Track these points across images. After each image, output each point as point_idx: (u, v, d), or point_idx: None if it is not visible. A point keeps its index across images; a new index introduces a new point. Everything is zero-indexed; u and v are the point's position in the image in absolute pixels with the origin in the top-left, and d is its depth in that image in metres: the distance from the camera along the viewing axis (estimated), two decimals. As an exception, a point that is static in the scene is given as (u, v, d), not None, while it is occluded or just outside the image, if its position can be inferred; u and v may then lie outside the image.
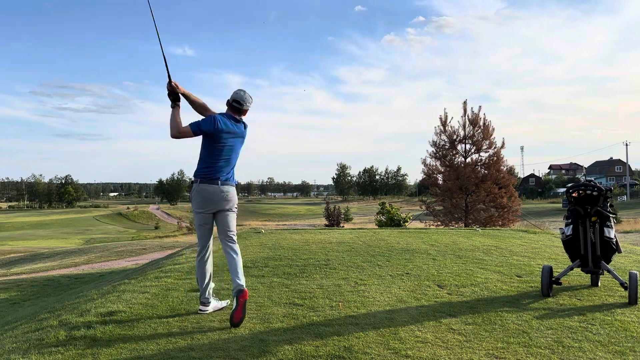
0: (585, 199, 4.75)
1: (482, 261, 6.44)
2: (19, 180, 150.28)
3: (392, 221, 22.04)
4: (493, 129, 25.83)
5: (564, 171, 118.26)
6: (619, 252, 4.86)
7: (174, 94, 4.13)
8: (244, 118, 4.32)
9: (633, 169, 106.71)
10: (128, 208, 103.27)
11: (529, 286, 5.03)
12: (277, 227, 43.79)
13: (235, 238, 4.24)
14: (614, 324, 3.79)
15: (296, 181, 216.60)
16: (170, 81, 4.08)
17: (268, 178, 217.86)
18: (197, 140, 4.18)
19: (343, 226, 32.51)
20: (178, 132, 3.99)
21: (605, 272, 4.85)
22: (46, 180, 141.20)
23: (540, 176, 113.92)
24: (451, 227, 19.85)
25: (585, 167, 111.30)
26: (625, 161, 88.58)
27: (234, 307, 3.80)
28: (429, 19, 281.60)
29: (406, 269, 5.89)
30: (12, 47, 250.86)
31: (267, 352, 3.21)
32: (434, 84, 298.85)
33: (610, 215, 4.77)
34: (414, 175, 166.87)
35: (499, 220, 24.22)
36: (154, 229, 66.72)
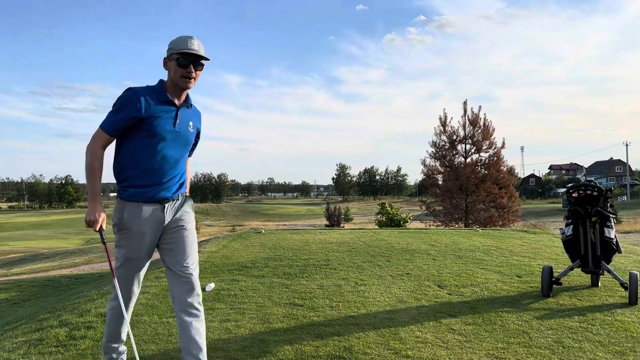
0: (585, 199, 4.75)
1: (482, 261, 6.44)
2: (19, 180, 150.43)
3: (392, 221, 22.05)
4: (493, 129, 25.87)
5: (564, 171, 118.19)
6: (619, 252, 4.86)
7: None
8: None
9: (633, 169, 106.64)
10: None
11: (529, 286, 5.02)
12: (277, 227, 43.83)
13: None
14: (614, 324, 3.78)
15: (296, 181, 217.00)
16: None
17: (268, 178, 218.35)
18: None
19: (343, 226, 32.51)
20: None
21: (605, 273, 4.85)
22: (46, 180, 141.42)
23: (541, 176, 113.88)
24: (451, 228, 19.86)
25: (585, 168, 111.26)
26: (625, 161, 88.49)
27: None
28: (430, 18, 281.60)
29: (406, 269, 5.89)
30: (12, 47, 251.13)
31: (267, 352, 3.21)
32: (434, 84, 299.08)
33: (611, 215, 4.77)
34: (414, 176, 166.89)
35: (499, 220, 24.23)
36: (154, 229, 66.64)
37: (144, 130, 2.67)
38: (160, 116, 2.68)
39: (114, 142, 2.78)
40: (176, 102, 2.76)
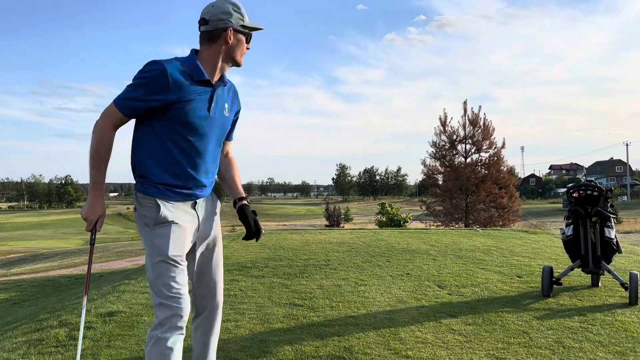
0: (585, 199, 4.75)
1: (482, 261, 6.44)
2: (19, 180, 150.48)
3: (392, 221, 22.05)
4: (493, 129, 25.91)
5: (564, 171, 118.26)
6: (620, 252, 4.86)
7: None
8: None
9: (633, 169, 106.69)
10: (128, 208, 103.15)
11: (529, 286, 5.02)
12: (277, 227, 43.83)
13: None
14: (614, 325, 3.78)
15: (296, 181, 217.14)
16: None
17: (268, 178, 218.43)
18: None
19: (343, 226, 32.52)
20: None
21: (605, 273, 4.84)
22: (46, 180, 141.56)
23: (541, 176, 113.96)
24: (451, 228, 19.86)
25: (585, 167, 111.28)
26: (625, 161, 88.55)
27: None
28: (431, 18, 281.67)
29: (406, 270, 5.89)
30: (12, 47, 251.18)
31: (267, 353, 3.21)
32: (434, 84, 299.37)
33: (611, 215, 4.77)
34: (414, 176, 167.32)
35: (500, 220, 24.25)
36: (154, 229, 66.57)
37: (173, 117, 2.19)
38: (193, 99, 2.21)
39: (132, 123, 2.29)
40: (212, 80, 2.29)
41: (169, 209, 2.24)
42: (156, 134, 2.23)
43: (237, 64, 2.36)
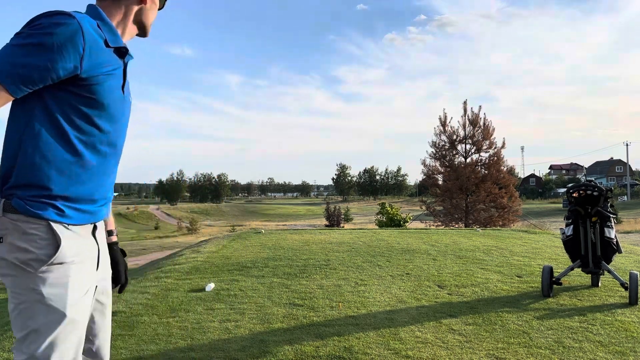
0: (585, 199, 4.75)
1: (482, 261, 6.44)
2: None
3: (392, 221, 22.05)
4: (493, 129, 25.92)
5: (564, 171, 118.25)
6: (620, 252, 4.86)
7: None
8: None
9: (633, 169, 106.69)
10: (128, 208, 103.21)
11: (529, 286, 5.02)
12: (277, 227, 43.82)
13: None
14: (614, 325, 3.78)
15: (296, 181, 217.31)
16: None
17: (268, 178, 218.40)
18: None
19: (343, 226, 32.52)
20: None
21: (605, 273, 4.85)
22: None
23: (541, 176, 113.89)
24: (451, 228, 19.86)
25: (585, 167, 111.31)
26: (625, 161, 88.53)
27: None
28: (431, 18, 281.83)
29: (406, 269, 5.89)
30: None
31: (267, 353, 3.21)
32: (434, 84, 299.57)
33: (611, 215, 4.77)
34: (414, 176, 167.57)
35: (499, 220, 24.27)
36: (153, 229, 66.70)
37: (79, 96, 1.46)
38: (110, 74, 1.52)
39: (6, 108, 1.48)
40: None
41: (68, 241, 1.48)
42: (53, 120, 1.45)
43: (144, 34, 1.74)
